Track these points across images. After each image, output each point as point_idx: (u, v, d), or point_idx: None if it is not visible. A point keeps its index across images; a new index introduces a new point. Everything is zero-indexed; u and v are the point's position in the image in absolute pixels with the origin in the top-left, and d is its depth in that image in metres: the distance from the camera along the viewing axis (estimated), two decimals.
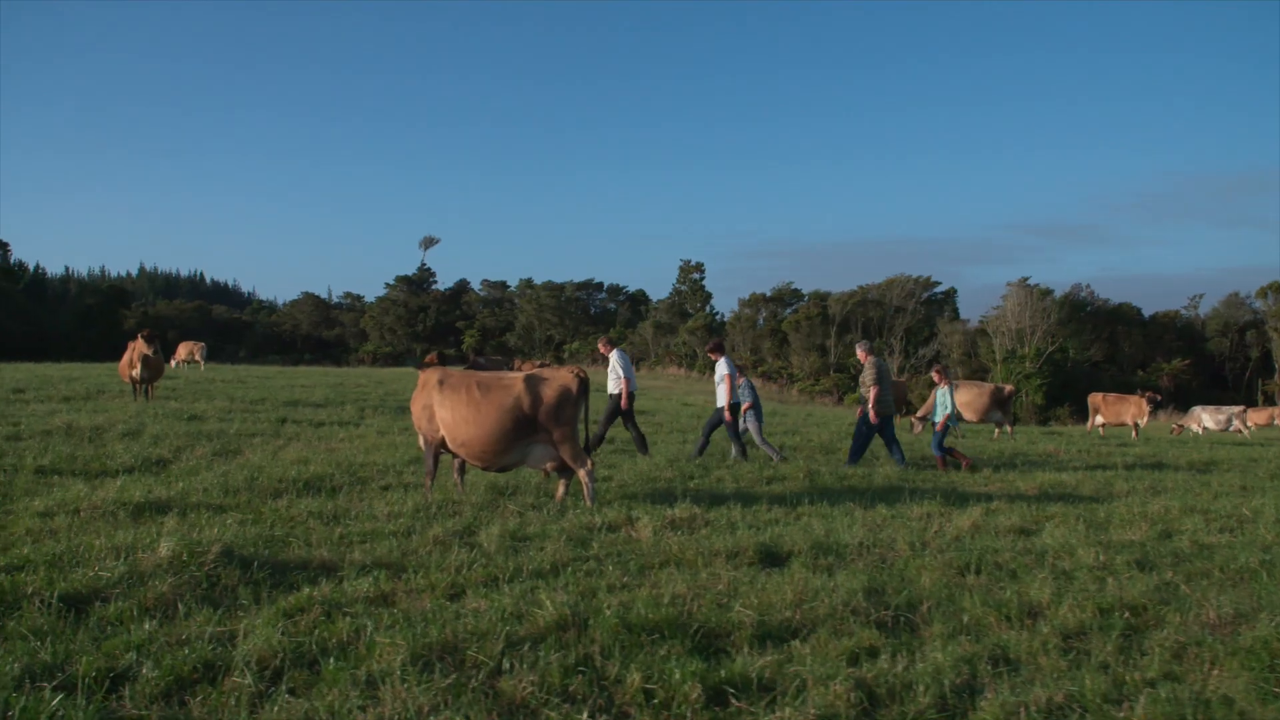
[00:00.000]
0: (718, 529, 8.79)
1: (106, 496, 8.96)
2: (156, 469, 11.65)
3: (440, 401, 10.14)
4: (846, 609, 5.91)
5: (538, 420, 9.95)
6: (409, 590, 6.24)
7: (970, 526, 9.26)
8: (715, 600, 6.09)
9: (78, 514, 8.41)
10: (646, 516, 8.91)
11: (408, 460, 12.91)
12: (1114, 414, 28.23)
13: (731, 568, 7.17)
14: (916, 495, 11.38)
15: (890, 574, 7.11)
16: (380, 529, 8.18)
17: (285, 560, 6.81)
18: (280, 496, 9.87)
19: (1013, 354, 65.46)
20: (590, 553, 7.55)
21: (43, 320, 78.11)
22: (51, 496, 9.14)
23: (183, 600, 5.73)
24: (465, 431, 9.94)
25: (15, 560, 6.43)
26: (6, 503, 8.99)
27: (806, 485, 12.37)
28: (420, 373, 10.77)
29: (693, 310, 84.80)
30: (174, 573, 6.14)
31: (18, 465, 11.14)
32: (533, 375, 10.24)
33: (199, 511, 8.81)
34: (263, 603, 5.85)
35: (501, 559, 7.11)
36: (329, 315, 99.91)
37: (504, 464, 10.20)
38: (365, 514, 8.88)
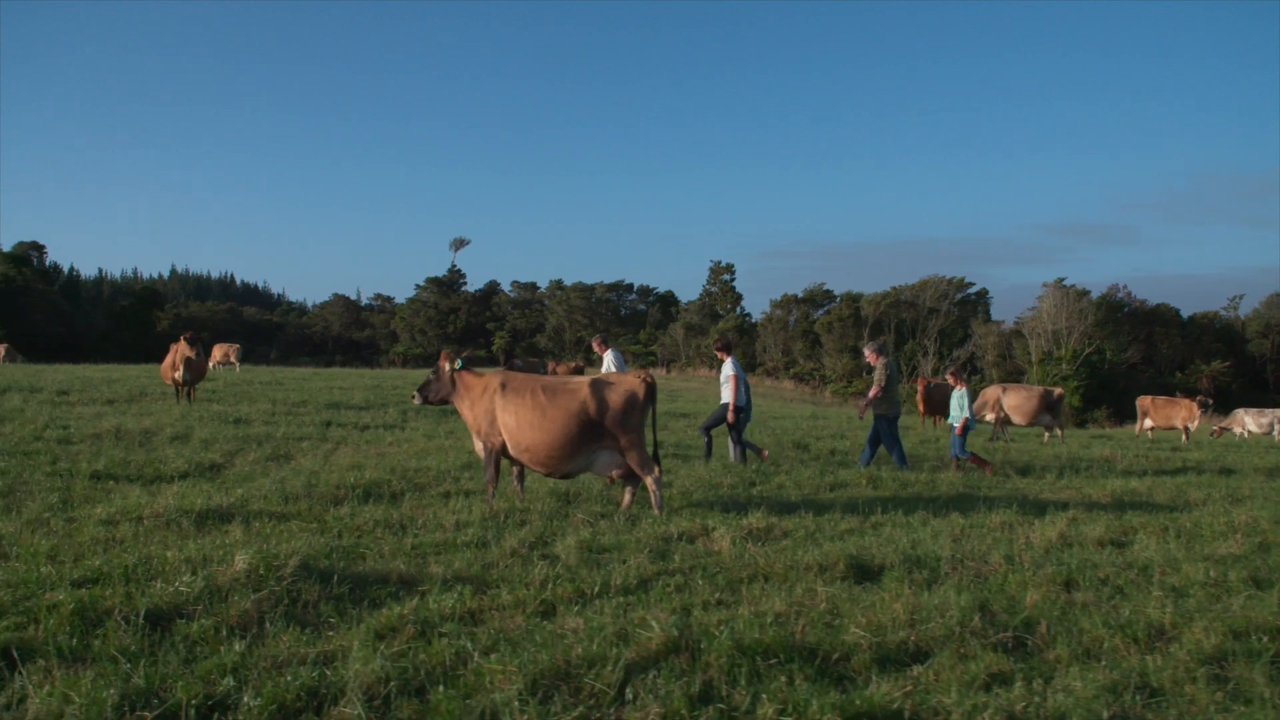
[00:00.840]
0: (797, 539, 8.48)
1: (168, 504, 8.75)
2: (210, 474, 11.47)
3: (503, 406, 9.87)
4: (964, 630, 5.57)
5: (604, 425, 9.67)
6: (497, 607, 5.96)
7: (1058, 538, 8.89)
8: (820, 619, 5.78)
9: (141, 522, 8.21)
10: (723, 527, 8.60)
11: (460, 465, 12.67)
12: (1163, 418, 27.66)
13: (824, 582, 6.85)
14: (990, 503, 11.02)
15: (991, 590, 6.77)
16: (452, 540, 7.92)
17: (363, 574, 6.55)
18: (341, 504, 9.65)
19: (1049, 356, 64.65)
20: (673, 566, 7.26)
21: (77, 322, 78.73)
22: (112, 503, 8.95)
23: (268, 618, 5.48)
24: (530, 437, 9.67)
25: (89, 573, 6.20)
26: (68, 509, 8.80)
27: (871, 492, 12.05)
28: (474, 376, 10.45)
29: (723, 311, 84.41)
30: (253, 588, 5.90)
31: (73, 470, 10.99)
32: (599, 379, 9.96)
33: (261, 520, 8.59)
34: (350, 621, 5.59)
35: (586, 573, 6.82)
36: (359, 317, 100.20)
37: (568, 471, 9.93)
38: (433, 523, 8.62)
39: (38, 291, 74.42)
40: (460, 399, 10.39)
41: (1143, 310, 72.88)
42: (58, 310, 76.47)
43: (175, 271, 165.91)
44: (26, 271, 74.83)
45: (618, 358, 16.21)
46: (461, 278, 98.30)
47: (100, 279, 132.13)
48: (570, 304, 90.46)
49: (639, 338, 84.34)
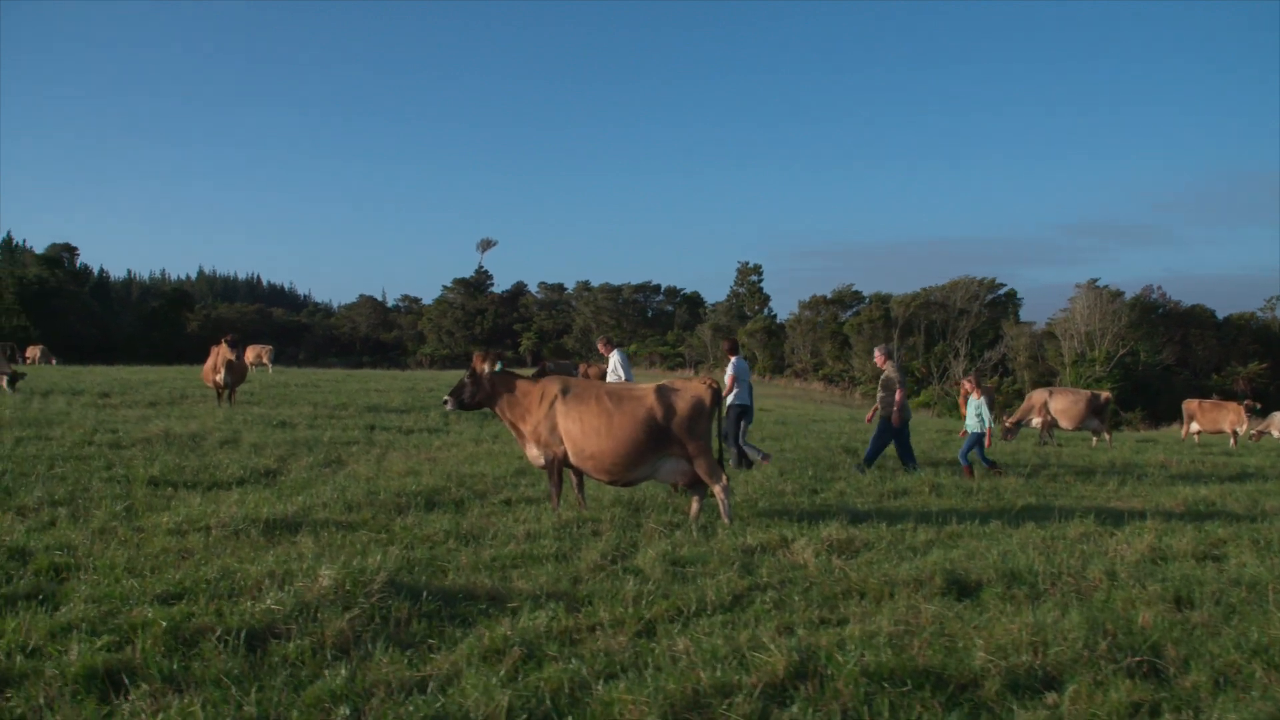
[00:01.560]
0: (880, 552, 8.22)
1: (234, 513, 8.58)
2: (266, 480, 11.31)
3: (565, 412, 9.64)
4: (1091, 653, 5.30)
5: (671, 432, 9.43)
6: (593, 626, 5.74)
7: (1147, 551, 8.58)
8: (934, 641, 5.52)
9: (209, 532, 8.04)
10: (802, 538, 8.35)
11: (514, 471, 12.48)
12: (1210, 421, 27.14)
13: (922, 599, 6.59)
14: (1063, 513, 10.70)
15: (1096, 608, 6.48)
16: (528, 552, 7.70)
17: (448, 589, 6.34)
18: (405, 513, 9.46)
19: (1082, 357, 63.97)
20: (762, 580, 7.01)
21: (108, 323, 79.24)
22: (177, 512, 8.78)
23: (366, 639, 5.27)
24: (595, 444, 9.43)
25: (171, 587, 6.03)
26: (133, 518, 8.64)
27: (936, 500, 11.77)
28: (528, 382, 10.17)
29: (750, 313, 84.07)
30: (343, 605, 5.69)
31: (129, 476, 10.86)
32: (664, 386, 9.72)
33: (329, 530, 8.41)
34: (447, 641, 5.38)
35: (678, 589, 6.59)
36: (387, 318, 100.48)
37: (632, 479, 9.69)
38: (504, 534, 8.40)
39: (70, 293, 74.98)
40: (508, 404, 10.05)
41: (1177, 311, 71.91)
42: (89, 312, 76.99)
43: (203, 273, 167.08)
44: (59, 273, 75.44)
45: (624, 359, 16.02)
46: (489, 279, 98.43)
47: (129, 280, 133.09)
48: (597, 305, 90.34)
49: (666, 339, 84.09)
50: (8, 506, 8.79)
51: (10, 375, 22.02)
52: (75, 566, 6.72)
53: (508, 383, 10.09)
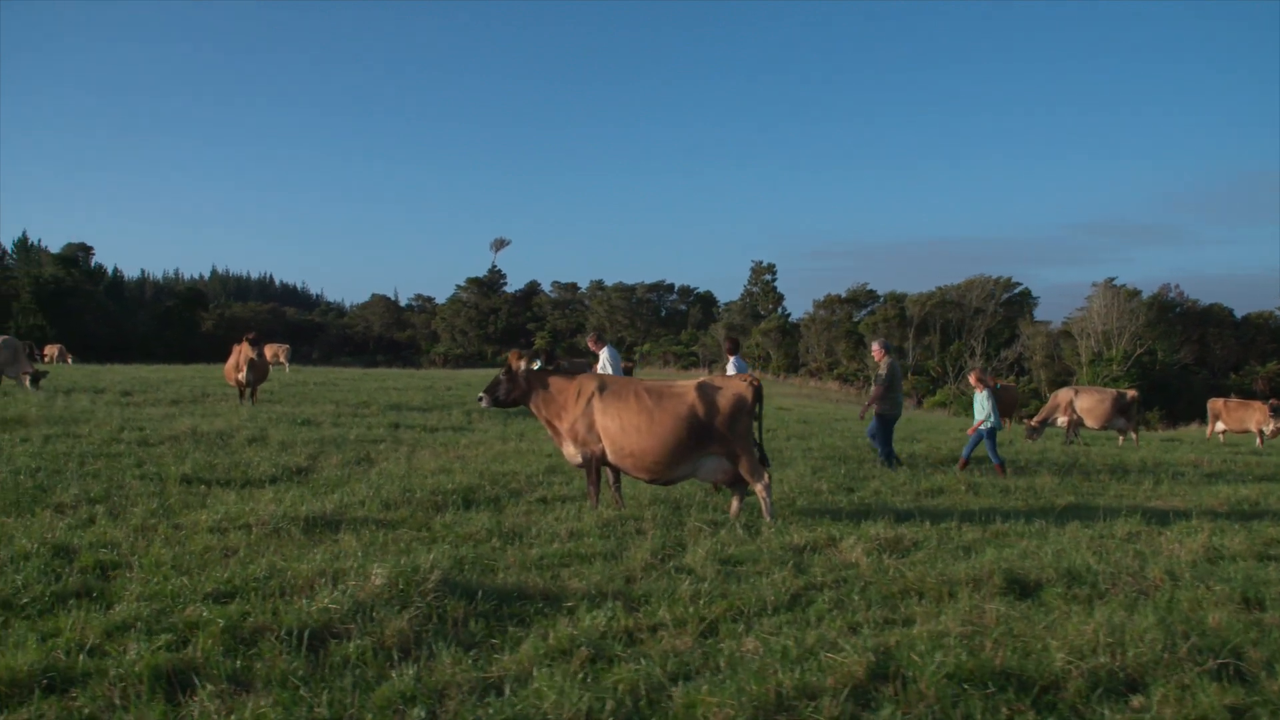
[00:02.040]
0: (929, 551, 8.07)
1: (273, 511, 8.47)
2: (298, 478, 11.21)
3: (603, 410, 9.51)
4: (1171, 655, 5.14)
5: (713, 430, 9.30)
6: (654, 626, 5.61)
7: (1201, 550, 8.42)
8: (1004, 641, 5.37)
9: (249, 530, 7.94)
10: (851, 537, 8.21)
11: (544, 469, 12.36)
12: (1236, 421, 26.88)
13: (982, 598, 6.44)
14: (1106, 512, 10.54)
15: (1159, 607, 6.32)
16: (573, 550, 7.57)
17: (502, 588, 6.20)
18: (442, 511, 9.34)
19: (1099, 356, 63.56)
20: (817, 580, 6.88)
21: (123, 322, 79.45)
22: (215, 510, 8.68)
23: (426, 639, 5.15)
24: (635, 442, 9.30)
25: (222, 586, 5.92)
26: (171, 516, 8.55)
27: (974, 499, 11.63)
28: (563, 379, 10.05)
29: (765, 312, 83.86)
30: (399, 604, 5.58)
31: (161, 474, 10.77)
32: (705, 383, 9.59)
33: (369, 528, 8.30)
34: (508, 641, 5.25)
35: (735, 588, 6.46)
36: (400, 317, 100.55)
37: (673, 477, 9.56)
38: (547, 532, 8.27)
39: (85, 292, 75.19)
40: (543, 401, 9.94)
41: (1195, 310, 71.48)
42: (105, 311, 77.20)
43: (216, 272, 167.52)
44: (75, 273, 75.67)
45: (613, 355, 15.96)
46: (502, 278, 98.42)
47: (143, 279, 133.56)
48: (611, 304, 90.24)
49: (680, 338, 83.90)
50: (46, 504, 8.70)
51: (33, 373, 22.01)
52: (121, 564, 6.62)
53: (543, 380, 9.97)
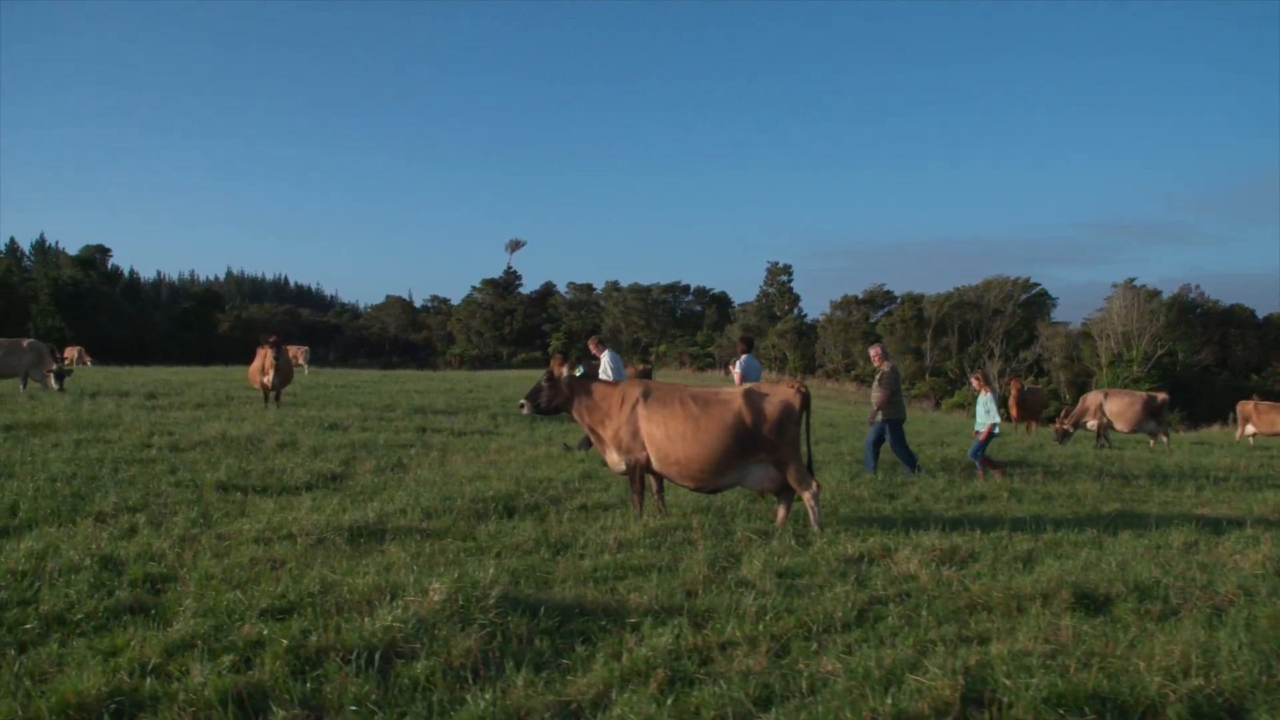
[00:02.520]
0: (987, 562, 7.88)
1: (316, 521, 8.34)
2: (333, 485, 11.09)
3: (647, 417, 9.35)
4: (1269, 679, 4.95)
5: (761, 437, 9.13)
6: (724, 644, 5.44)
7: (1265, 561, 8.20)
8: (1087, 661, 5.18)
9: (293, 540, 7.81)
10: (906, 548, 8.04)
11: (580, 475, 12.21)
12: (1267, 424, 26.58)
13: (1053, 614, 6.26)
14: (1158, 521, 10.33)
15: (1238, 624, 6.12)
16: (624, 562, 7.42)
17: (561, 603, 6.05)
18: (484, 519, 9.21)
19: (1119, 358, 63.11)
20: (879, 593, 6.71)
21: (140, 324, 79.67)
22: (254, 519, 8.57)
23: (494, 659, 4.99)
24: (681, 450, 9.13)
25: (276, 601, 5.78)
26: (212, 525, 8.42)
27: (1015, 505, 11.43)
28: (607, 385, 9.91)
29: (780, 313, 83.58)
30: (460, 621, 5.43)
31: (196, 480, 10.66)
32: (752, 390, 9.42)
33: (413, 538, 8.16)
34: (576, 660, 5.09)
35: (799, 603, 6.29)
36: (415, 319, 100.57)
37: (719, 486, 9.39)
38: (595, 543, 8.11)
39: (103, 294, 75.42)
40: (586, 408, 9.81)
41: (1216, 311, 70.87)
42: (122, 313, 77.43)
43: (231, 273, 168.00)
44: (93, 274, 75.89)
45: (615, 359, 15.89)
46: (517, 279, 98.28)
47: (159, 281, 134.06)
48: (626, 305, 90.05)
49: (696, 339, 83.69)
50: (85, 512, 8.59)
51: (58, 372, 22.00)
52: (170, 577, 6.50)
53: (586, 387, 9.82)
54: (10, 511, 8.44)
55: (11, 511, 8.45)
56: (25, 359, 21.72)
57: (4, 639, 5.12)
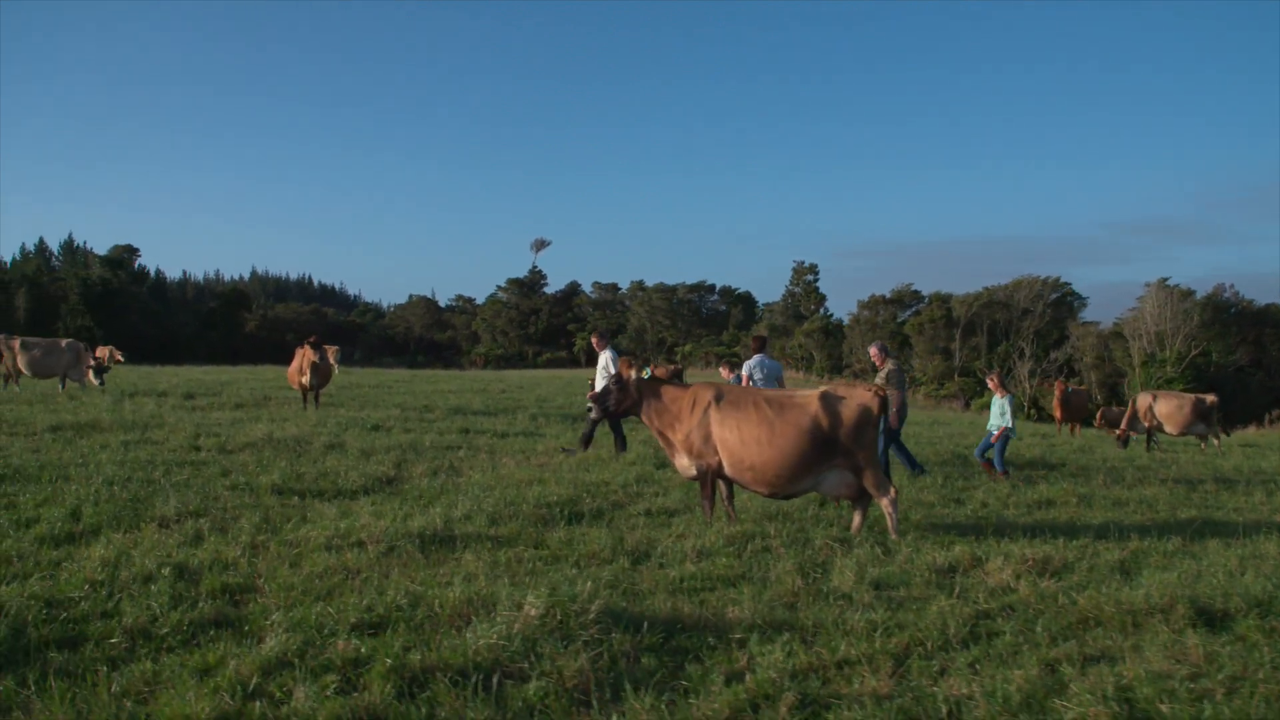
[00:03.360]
0: (1083, 573, 7.56)
1: (385, 528, 8.11)
2: (389, 489, 10.86)
3: (720, 420, 9.07)
4: None
5: (838, 442, 8.84)
6: (839, 662, 5.16)
7: None
8: (1237, 687, 4.87)
9: (364, 547, 7.57)
10: (998, 557, 7.72)
11: (635, 478, 11.94)
12: None
13: (1172, 630, 5.94)
14: (1245, 529, 9.98)
15: None
16: (707, 571, 7.14)
17: (658, 617, 5.78)
18: (550, 525, 8.95)
19: (1152, 358, 62.34)
20: (981, 607, 6.40)
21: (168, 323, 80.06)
22: (319, 525, 8.35)
23: (608, 679, 4.73)
24: (756, 455, 8.85)
25: (365, 616, 5.53)
26: (277, 531, 8.20)
27: (1086, 511, 11.10)
28: (676, 388, 9.64)
29: (807, 312, 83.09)
30: (561, 638, 5.17)
31: (250, 484, 10.47)
32: (828, 393, 9.12)
33: (483, 545, 7.92)
34: (689, 680, 4.82)
35: (906, 617, 5.99)
36: (440, 318, 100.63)
37: (794, 491, 9.10)
38: (673, 552, 7.83)
39: (132, 294, 75.83)
40: (655, 411, 9.54)
41: (1251, 310, 69.78)
42: (150, 312, 77.85)
43: (255, 273, 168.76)
44: (121, 274, 76.30)
45: (615, 358, 15.63)
46: (542, 278, 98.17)
47: (184, 280, 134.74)
48: (652, 305, 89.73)
49: (722, 339, 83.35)
50: (147, 517, 8.40)
51: (97, 367, 21.96)
52: (247, 588, 6.27)
53: (655, 390, 9.55)
54: (73, 516, 8.25)
55: (74, 516, 8.26)
56: (64, 359, 21.66)
57: (92, 654, 4.90)
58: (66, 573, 6.40)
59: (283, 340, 76.61)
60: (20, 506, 8.72)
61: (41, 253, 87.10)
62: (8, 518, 8.13)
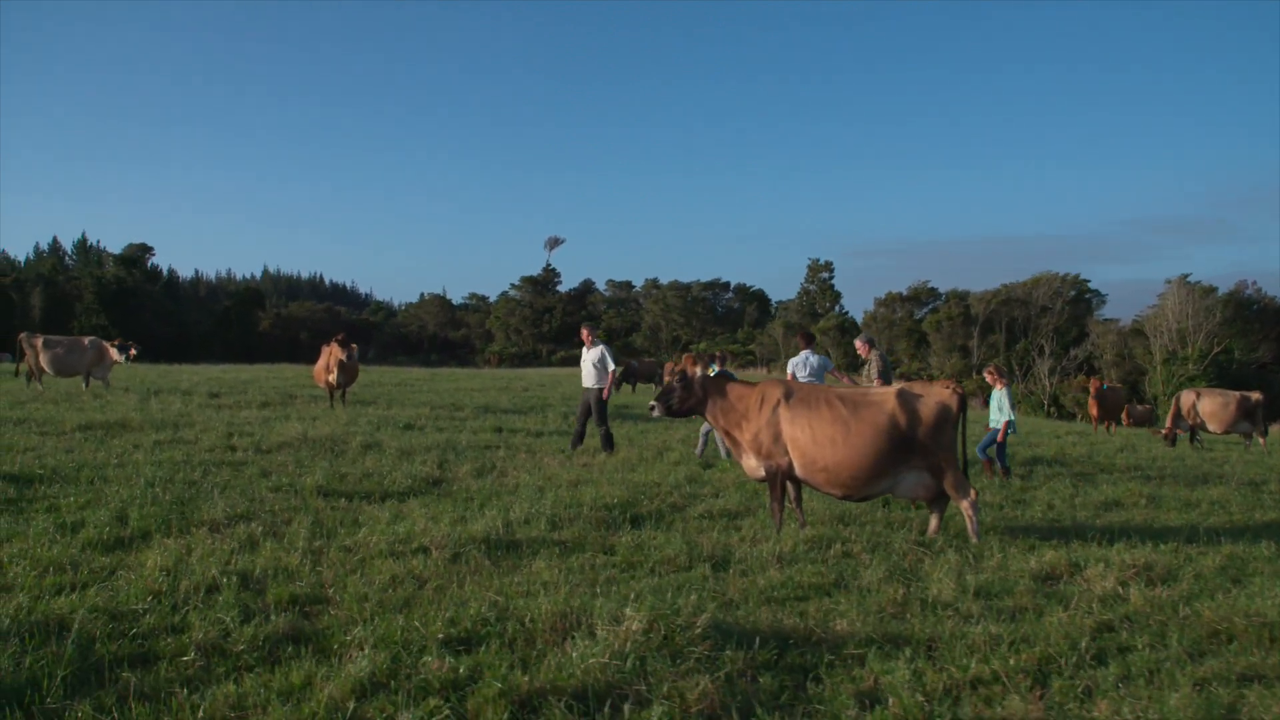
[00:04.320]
0: (1187, 580, 7.12)
1: (447, 532, 7.72)
2: (436, 490, 10.48)
3: (792, 420, 8.65)
4: None
5: (916, 441, 8.41)
6: (972, 681, 4.74)
7: None
8: None
9: (427, 554, 7.18)
10: (1097, 564, 7.30)
11: (685, 479, 11.56)
12: None
13: None
14: None
15: None
16: (794, 579, 6.73)
17: (764, 631, 5.37)
18: (613, 529, 8.55)
19: (1174, 355, 61.68)
20: (1098, 618, 5.97)
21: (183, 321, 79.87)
22: (375, 529, 7.96)
23: (737, 703, 4.32)
24: (830, 455, 8.43)
25: (452, 631, 5.13)
26: (330, 536, 7.81)
27: (1156, 513, 10.65)
28: (743, 385, 9.23)
29: (822, 310, 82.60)
30: (670, 655, 4.76)
31: (293, 485, 10.10)
32: (906, 390, 8.70)
33: (550, 550, 7.53)
34: (820, 702, 4.41)
35: (1029, 630, 5.58)
36: (454, 316, 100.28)
37: (870, 494, 8.68)
38: (753, 558, 7.41)
39: (147, 292, 75.65)
40: (721, 410, 9.14)
41: (1273, 307, 69.09)
42: (165, 310, 77.65)
43: (267, 272, 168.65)
44: (136, 273, 76.12)
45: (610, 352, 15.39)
46: (556, 276, 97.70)
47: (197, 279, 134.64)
48: (666, 303, 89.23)
49: (737, 336, 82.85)
50: (195, 521, 8.02)
51: (122, 344, 21.62)
52: (317, 599, 5.88)
53: (721, 387, 9.14)
54: (119, 519, 7.88)
55: (120, 519, 7.89)
56: (87, 357, 21.31)
57: (167, 674, 4.51)
58: (124, 581, 6.02)
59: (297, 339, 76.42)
60: (63, 509, 8.37)
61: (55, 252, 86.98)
62: (52, 521, 7.76)
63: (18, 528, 7.52)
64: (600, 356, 14.86)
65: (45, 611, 5.21)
